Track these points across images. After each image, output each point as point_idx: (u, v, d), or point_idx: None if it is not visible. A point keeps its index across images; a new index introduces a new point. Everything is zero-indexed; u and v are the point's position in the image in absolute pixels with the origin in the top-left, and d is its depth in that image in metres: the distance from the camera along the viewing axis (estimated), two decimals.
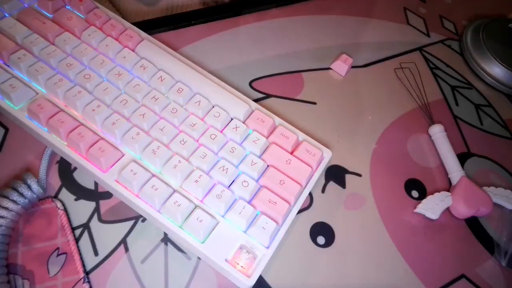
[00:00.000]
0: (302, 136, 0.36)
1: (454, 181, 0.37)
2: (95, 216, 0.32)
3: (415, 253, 0.34)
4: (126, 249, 0.31)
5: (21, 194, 0.30)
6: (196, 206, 0.30)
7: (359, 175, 0.37)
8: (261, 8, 0.47)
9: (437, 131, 0.40)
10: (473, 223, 0.37)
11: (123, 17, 0.39)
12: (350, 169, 0.38)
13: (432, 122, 0.42)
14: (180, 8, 0.46)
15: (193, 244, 0.29)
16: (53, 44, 0.35)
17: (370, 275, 0.33)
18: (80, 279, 0.29)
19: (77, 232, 0.32)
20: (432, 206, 0.36)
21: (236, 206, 0.30)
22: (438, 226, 0.36)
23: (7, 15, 0.36)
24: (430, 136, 0.41)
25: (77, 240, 0.31)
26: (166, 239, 0.32)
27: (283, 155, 0.34)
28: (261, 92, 0.41)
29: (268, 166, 0.33)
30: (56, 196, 0.33)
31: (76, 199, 0.33)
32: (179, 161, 0.31)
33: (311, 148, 0.34)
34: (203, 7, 0.46)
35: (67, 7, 0.37)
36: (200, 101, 0.34)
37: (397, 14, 0.50)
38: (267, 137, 0.35)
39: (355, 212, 0.35)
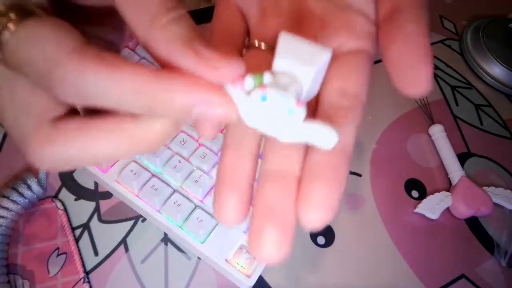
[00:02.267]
0: None
1: (454, 181, 0.37)
2: (95, 216, 0.32)
3: (415, 253, 0.34)
4: (126, 249, 0.31)
5: (21, 194, 0.30)
6: (196, 206, 0.30)
7: (359, 175, 0.37)
8: None
9: (437, 131, 0.40)
10: (473, 223, 0.37)
11: None
12: (350, 169, 0.38)
13: (432, 122, 0.42)
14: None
15: (193, 244, 0.29)
16: None
17: (370, 275, 0.33)
18: (80, 279, 0.29)
19: (77, 232, 0.31)
20: (432, 206, 0.36)
21: None
22: (438, 226, 0.36)
23: None
24: (430, 136, 0.41)
25: (77, 240, 0.31)
26: (166, 239, 0.32)
27: None
28: None
29: None
30: (56, 196, 0.33)
31: (76, 199, 0.33)
32: (179, 161, 0.31)
33: None
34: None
35: None
36: None
37: None
38: None
39: (355, 212, 0.35)
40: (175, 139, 0.32)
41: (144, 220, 0.33)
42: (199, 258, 0.32)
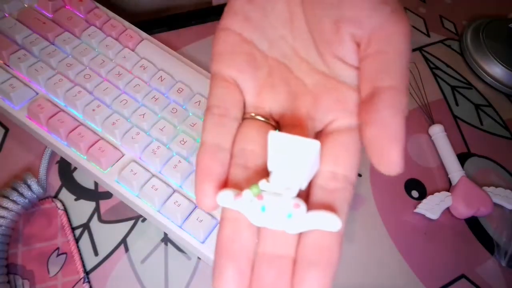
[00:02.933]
0: None
1: (454, 181, 0.37)
2: (95, 216, 0.32)
3: (415, 253, 0.34)
4: (126, 249, 0.31)
5: (21, 194, 0.30)
6: (196, 206, 0.30)
7: (359, 175, 0.37)
8: None
9: (437, 131, 0.40)
10: (473, 223, 0.37)
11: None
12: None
13: (432, 122, 0.42)
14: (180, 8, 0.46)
15: (193, 244, 0.29)
16: (53, 44, 0.35)
17: (370, 275, 0.33)
18: (80, 279, 0.29)
19: (77, 232, 0.32)
20: (432, 206, 0.36)
21: None
22: (438, 226, 0.36)
23: (7, 15, 0.36)
24: (430, 136, 0.41)
25: (77, 240, 0.31)
26: (166, 239, 0.32)
27: None
28: None
29: None
30: (56, 196, 0.33)
31: (76, 199, 0.33)
32: (179, 161, 0.31)
33: None
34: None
35: (67, 7, 0.37)
36: (200, 101, 0.34)
37: None
38: None
39: (355, 212, 0.35)
40: (175, 139, 0.32)
41: (144, 220, 0.33)
42: (199, 258, 0.32)
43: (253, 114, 0.21)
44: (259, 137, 0.20)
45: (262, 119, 0.21)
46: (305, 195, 0.19)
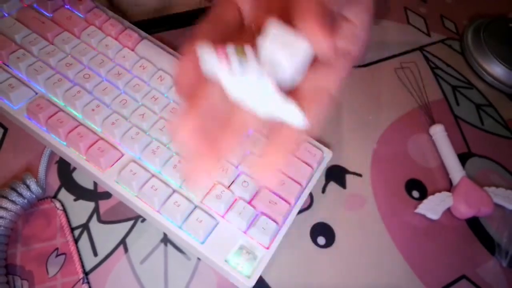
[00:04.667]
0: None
1: (455, 181, 0.37)
2: (95, 216, 0.32)
3: (416, 254, 0.34)
4: (126, 250, 0.31)
5: (20, 194, 0.30)
6: (195, 206, 0.30)
7: (360, 175, 0.37)
8: None
9: (438, 131, 0.40)
10: (474, 223, 0.37)
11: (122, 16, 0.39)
12: (350, 169, 0.37)
13: (433, 122, 0.41)
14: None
15: (192, 245, 0.29)
16: (53, 44, 0.35)
17: (370, 276, 0.33)
18: (80, 279, 0.29)
19: (76, 232, 0.31)
20: (433, 207, 0.36)
21: (236, 206, 0.30)
22: (439, 226, 0.36)
23: (6, 14, 0.36)
24: (430, 136, 0.41)
25: (76, 240, 0.31)
26: (165, 240, 0.32)
27: None
28: None
29: None
30: (55, 196, 0.33)
31: (75, 199, 0.33)
32: (179, 161, 0.31)
33: (311, 148, 0.34)
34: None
35: (66, 6, 0.37)
36: None
37: (397, 13, 0.50)
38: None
39: (355, 212, 0.35)
40: None
41: (143, 220, 0.32)
42: (199, 258, 0.31)
43: (253, 27, 0.21)
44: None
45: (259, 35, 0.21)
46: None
